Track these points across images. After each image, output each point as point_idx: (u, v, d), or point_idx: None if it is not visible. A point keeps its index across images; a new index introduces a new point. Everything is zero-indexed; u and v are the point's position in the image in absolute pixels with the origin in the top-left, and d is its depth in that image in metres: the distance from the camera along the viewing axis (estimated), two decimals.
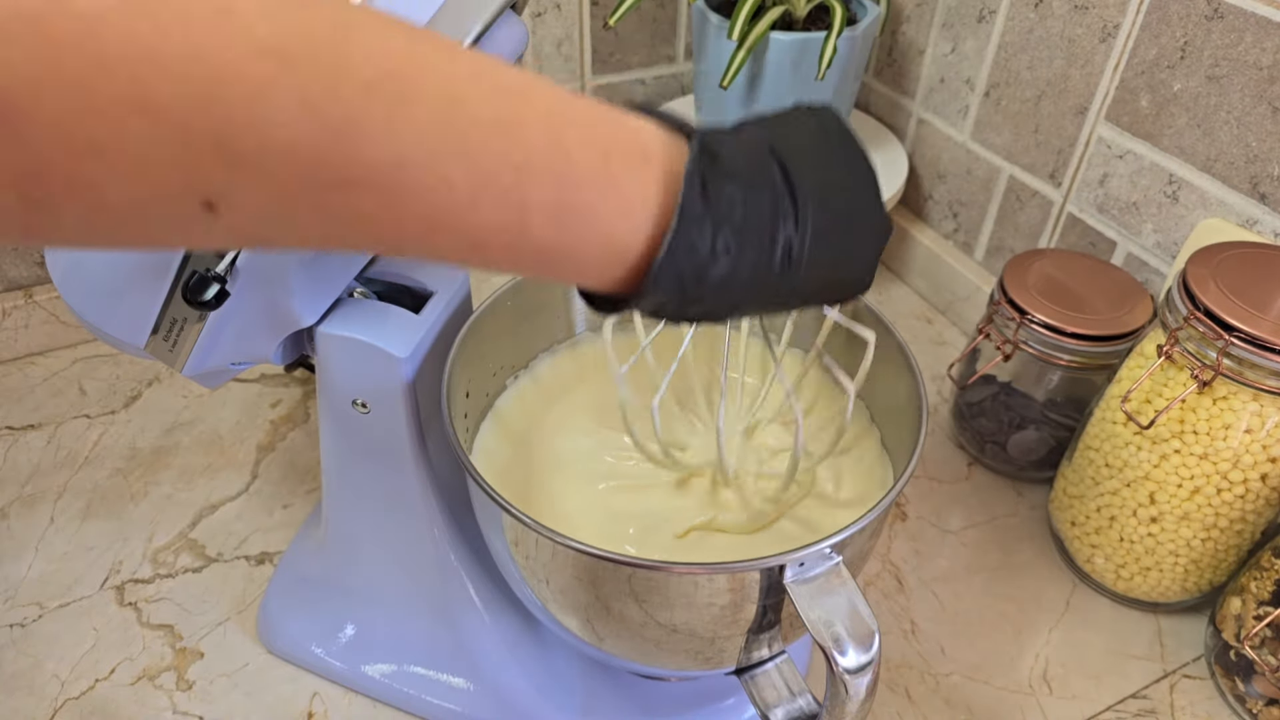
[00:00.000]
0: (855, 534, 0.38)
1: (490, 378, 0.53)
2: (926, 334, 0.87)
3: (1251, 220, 0.60)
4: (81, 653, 0.58)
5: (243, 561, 0.64)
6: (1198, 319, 0.52)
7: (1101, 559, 0.62)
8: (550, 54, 0.88)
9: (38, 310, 0.79)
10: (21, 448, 0.72)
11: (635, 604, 0.40)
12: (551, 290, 0.55)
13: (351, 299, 0.47)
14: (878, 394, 0.52)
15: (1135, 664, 0.60)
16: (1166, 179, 0.65)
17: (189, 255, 0.41)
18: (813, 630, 0.37)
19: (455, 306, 0.49)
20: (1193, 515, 0.56)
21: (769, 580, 0.38)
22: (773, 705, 0.45)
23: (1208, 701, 0.58)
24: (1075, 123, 0.71)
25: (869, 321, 0.51)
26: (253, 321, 0.45)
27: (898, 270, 0.94)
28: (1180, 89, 0.62)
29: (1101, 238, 0.72)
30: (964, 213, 0.85)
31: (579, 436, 0.53)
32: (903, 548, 0.67)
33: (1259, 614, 0.55)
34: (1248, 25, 0.57)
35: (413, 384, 0.46)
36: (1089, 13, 0.67)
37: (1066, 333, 0.62)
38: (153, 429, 0.74)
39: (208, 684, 0.57)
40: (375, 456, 0.50)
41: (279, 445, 0.73)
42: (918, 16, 0.83)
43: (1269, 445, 0.53)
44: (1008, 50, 0.75)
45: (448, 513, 0.53)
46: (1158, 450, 0.56)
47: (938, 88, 0.83)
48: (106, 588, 0.62)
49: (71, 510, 0.67)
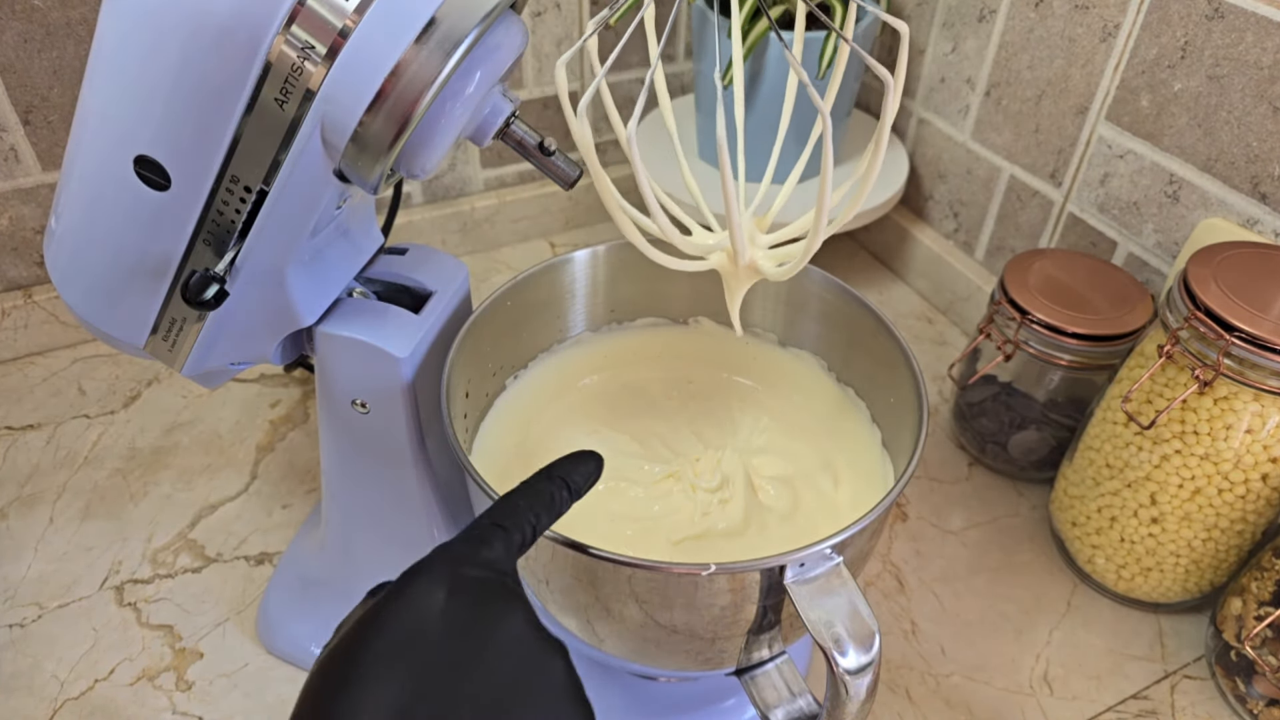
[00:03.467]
0: (855, 534, 0.38)
1: (490, 378, 0.53)
2: (927, 334, 0.87)
3: (1252, 220, 0.60)
4: (81, 653, 0.58)
5: (242, 561, 0.64)
6: (1198, 319, 0.51)
7: (1102, 559, 0.62)
8: (550, 54, 0.87)
9: (37, 310, 0.79)
10: (21, 448, 0.72)
11: (635, 605, 0.40)
12: (551, 290, 0.55)
13: (351, 299, 0.47)
14: (878, 394, 0.52)
15: (1136, 664, 0.60)
16: (1167, 179, 0.65)
17: (189, 255, 0.41)
18: (813, 631, 0.36)
19: (455, 306, 0.49)
20: (1194, 516, 0.56)
21: (769, 581, 0.38)
22: (773, 706, 0.45)
23: (1208, 702, 0.58)
24: (1076, 122, 0.71)
25: (869, 321, 0.50)
26: (252, 321, 0.45)
27: (898, 270, 0.94)
28: (1181, 89, 0.62)
29: (1102, 238, 0.72)
30: (964, 212, 0.85)
31: (579, 437, 0.53)
32: (903, 548, 0.67)
33: (1260, 614, 0.54)
34: (1248, 25, 0.57)
35: (413, 384, 0.46)
36: (1089, 12, 0.67)
37: (1067, 333, 0.62)
38: (152, 429, 0.74)
39: (207, 684, 0.57)
40: (375, 456, 0.50)
41: (279, 445, 0.73)
42: (918, 16, 0.83)
43: (1270, 445, 0.52)
44: (1008, 50, 0.75)
45: (448, 513, 0.53)
46: (1158, 450, 0.56)
47: (938, 87, 0.83)
48: (106, 588, 0.62)
49: (71, 510, 0.67)
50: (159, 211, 0.39)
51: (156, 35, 0.35)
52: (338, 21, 0.33)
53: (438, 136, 0.37)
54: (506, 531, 0.31)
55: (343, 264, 0.47)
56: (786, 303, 0.56)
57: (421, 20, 0.34)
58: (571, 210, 0.98)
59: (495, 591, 0.29)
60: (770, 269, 0.43)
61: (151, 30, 0.35)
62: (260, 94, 0.35)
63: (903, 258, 0.93)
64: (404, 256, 0.51)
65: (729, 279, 0.45)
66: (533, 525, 0.32)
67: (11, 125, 0.72)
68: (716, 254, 0.44)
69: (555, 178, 0.46)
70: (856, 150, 0.87)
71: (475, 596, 0.29)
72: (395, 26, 0.34)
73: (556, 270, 0.54)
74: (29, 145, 0.73)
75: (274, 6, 0.33)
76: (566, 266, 0.54)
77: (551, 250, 0.97)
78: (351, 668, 0.26)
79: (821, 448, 0.54)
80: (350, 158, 0.36)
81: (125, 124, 0.38)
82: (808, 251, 0.40)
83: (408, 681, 0.26)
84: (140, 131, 0.37)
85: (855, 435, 0.53)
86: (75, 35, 0.70)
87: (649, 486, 0.50)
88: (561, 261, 0.54)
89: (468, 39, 0.34)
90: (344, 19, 0.33)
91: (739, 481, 0.50)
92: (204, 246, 0.40)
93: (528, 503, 0.33)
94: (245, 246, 0.40)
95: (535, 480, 0.34)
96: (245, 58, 0.34)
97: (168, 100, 0.36)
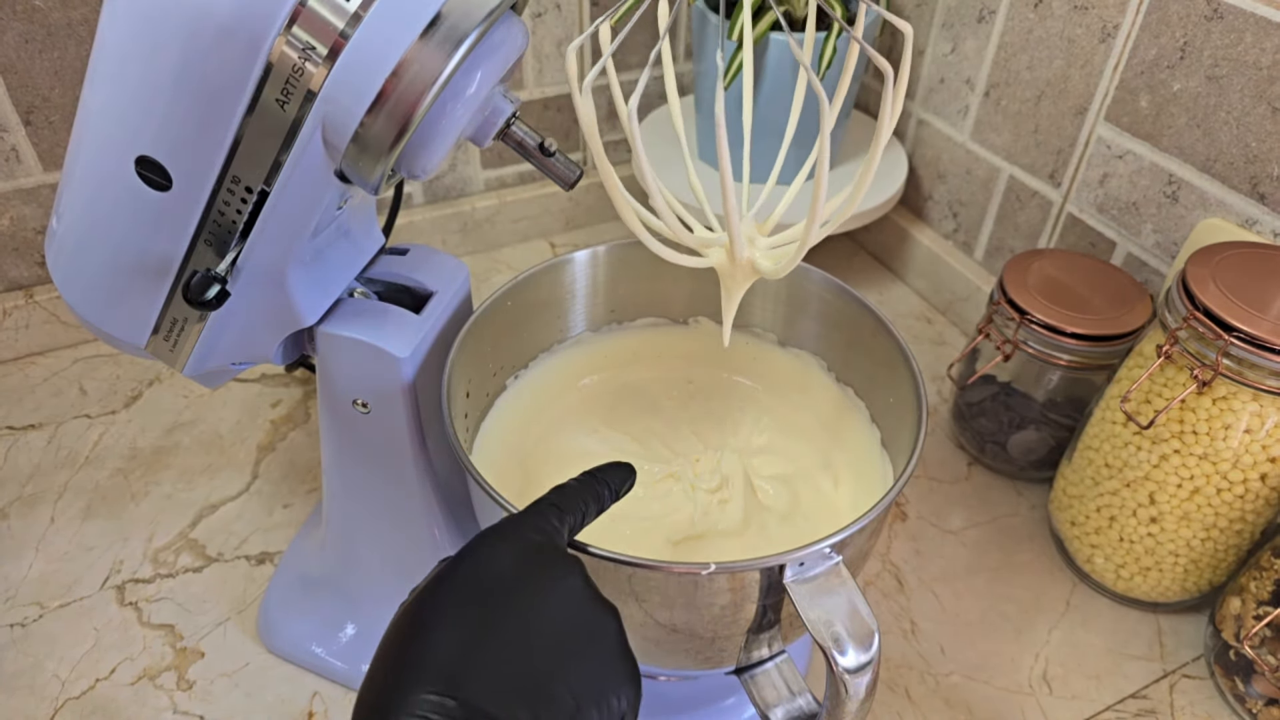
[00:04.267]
0: (855, 534, 0.38)
1: (491, 378, 0.53)
2: (926, 334, 0.87)
3: (1251, 220, 0.60)
4: (82, 653, 0.58)
5: (243, 561, 0.64)
6: (1197, 319, 0.52)
7: (1101, 559, 0.62)
8: (550, 54, 0.88)
9: (38, 310, 0.79)
10: (22, 448, 0.72)
11: (635, 604, 0.40)
12: (551, 290, 0.55)
13: (351, 299, 0.47)
14: (877, 394, 0.53)
15: (1135, 664, 0.60)
16: (1166, 179, 0.65)
17: (190, 255, 0.41)
18: (812, 630, 0.37)
19: (455, 306, 0.49)
20: (1192, 515, 0.56)
21: (769, 580, 0.38)
22: (773, 705, 0.45)
23: (1208, 701, 0.58)
24: (1075, 123, 0.71)
25: (869, 321, 0.51)
26: (253, 321, 0.45)
27: (898, 270, 0.94)
28: (1180, 89, 0.62)
29: (1101, 238, 0.72)
30: (964, 213, 0.85)
31: (579, 437, 0.53)
32: (903, 548, 0.67)
33: (1259, 614, 0.55)
34: (1247, 25, 0.57)
35: (413, 384, 0.46)
36: (1089, 13, 0.67)
37: (1066, 333, 0.62)
38: (153, 429, 0.74)
39: (208, 684, 0.57)
40: (375, 456, 0.50)
41: (279, 445, 0.73)
42: (918, 16, 0.83)
43: (1269, 445, 0.53)
44: (1008, 50, 0.75)
45: (448, 513, 0.53)
46: (1157, 450, 0.56)
47: (938, 88, 0.83)
48: (107, 588, 0.62)
49: (72, 510, 0.67)
50: (160, 212, 0.39)
51: (157, 36, 0.35)
52: (339, 22, 0.34)
53: (439, 137, 0.37)
54: (563, 512, 0.35)
55: (344, 264, 0.47)
56: (786, 303, 0.56)
57: (423, 21, 0.34)
58: (572, 211, 0.98)
59: (557, 554, 0.33)
60: (767, 266, 0.43)
61: (152, 31, 0.35)
62: (261, 95, 0.35)
63: (902, 258, 0.93)
64: (405, 257, 0.51)
65: (726, 279, 0.45)
66: (583, 513, 0.36)
67: (13, 125, 0.72)
68: (716, 251, 0.44)
69: (555, 178, 0.46)
70: (856, 150, 0.87)
71: (540, 557, 0.32)
72: (396, 27, 0.34)
73: (557, 270, 0.54)
74: (30, 145, 0.73)
75: (275, 7, 0.33)
76: (567, 267, 0.54)
77: (552, 250, 0.97)
78: (429, 613, 0.30)
79: (821, 448, 0.54)
80: (351, 158, 0.36)
81: (126, 124, 0.38)
82: (804, 244, 0.40)
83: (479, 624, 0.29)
84: (141, 132, 0.37)
85: (855, 435, 0.53)
86: (76, 36, 0.70)
87: (649, 486, 0.51)
88: (562, 262, 0.54)
89: (469, 40, 0.34)
90: (345, 20, 0.34)
91: (739, 481, 0.50)
92: (205, 247, 0.41)
93: (580, 494, 0.36)
94: (246, 247, 0.40)
95: (584, 477, 0.38)
96: (246, 58, 0.34)
97: (169, 101, 0.36)
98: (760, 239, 0.44)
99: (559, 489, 0.36)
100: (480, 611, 0.30)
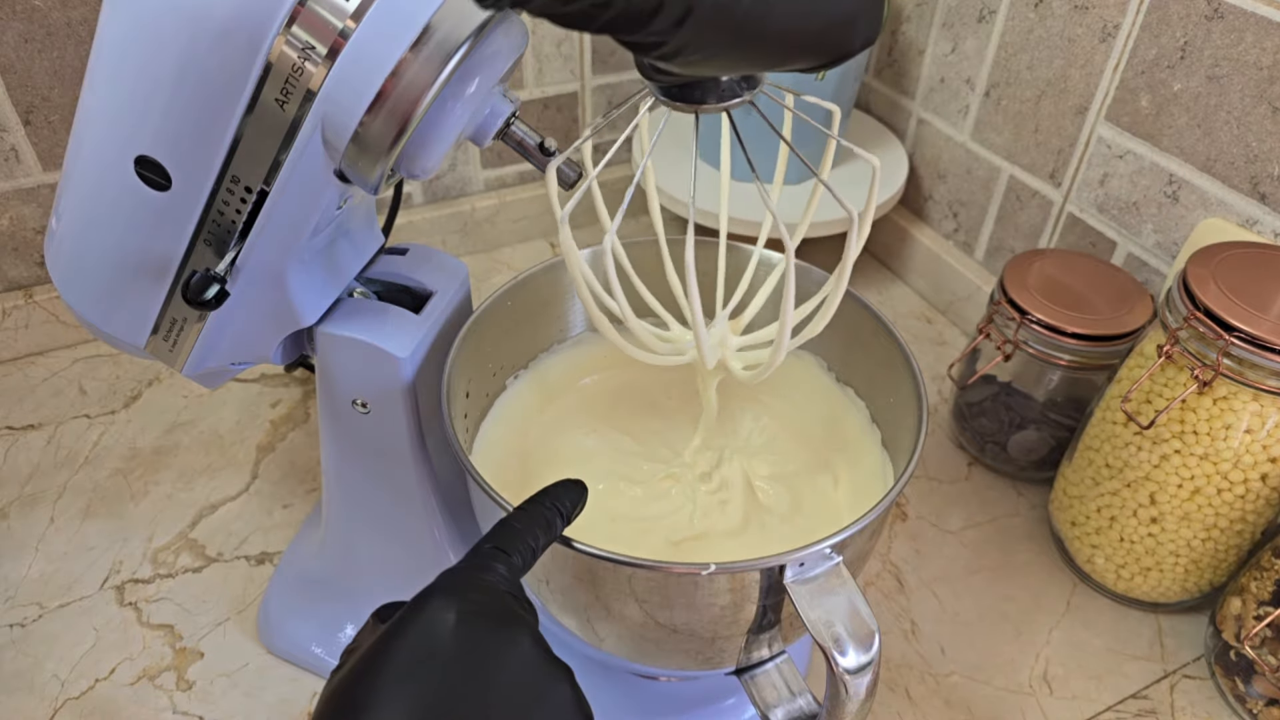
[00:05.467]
0: (855, 534, 0.38)
1: (490, 378, 0.53)
2: (926, 334, 0.87)
3: (1251, 220, 0.60)
4: (81, 653, 0.58)
5: (243, 561, 0.64)
6: (1198, 319, 0.52)
7: (1102, 559, 0.62)
8: (550, 54, 0.88)
9: (38, 310, 0.79)
10: (22, 448, 0.72)
11: (635, 604, 0.40)
12: (552, 290, 0.55)
13: (351, 299, 0.47)
14: (877, 394, 0.52)
15: (1135, 664, 0.60)
16: (1166, 179, 0.65)
17: (189, 255, 0.41)
18: (813, 630, 0.37)
19: (455, 306, 0.49)
20: (1193, 515, 0.56)
21: (769, 580, 0.38)
22: (773, 705, 0.45)
23: (1208, 702, 0.58)
24: (1075, 123, 0.71)
25: (869, 321, 0.51)
26: (253, 321, 0.45)
27: (898, 270, 0.94)
28: (1180, 89, 0.62)
29: (1101, 238, 0.72)
30: (964, 212, 0.85)
31: (579, 437, 0.53)
32: (903, 548, 0.67)
33: (1259, 614, 0.54)
34: (1248, 25, 0.57)
35: (413, 384, 0.46)
36: (1089, 13, 0.67)
37: (1066, 333, 0.62)
38: (153, 429, 0.74)
39: (208, 684, 0.57)
40: (375, 456, 0.50)
41: (279, 445, 0.73)
42: (918, 16, 0.83)
43: (1269, 445, 0.52)
44: (1008, 50, 0.75)
45: (448, 513, 0.53)
46: (1158, 450, 0.56)
47: (938, 88, 0.83)
48: (106, 588, 0.62)
49: (71, 510, 0.67)
50: (160, 212, 0.39)
51: (157, 35, 0.35)
52: (338, 22, 0.34)
53: (438, 137, 0.37)
54: (508, 555, 0.32)
55: (343, 264, 0.47)
56: None
57: (422, 20, 0.34)
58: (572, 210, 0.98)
59: (502, 615, 0.30)
60: (738, 371, 0.45)
61: (152, 30, 0.35)
62: (261, 94, 0.35)
63: (902, 258, 0.93)
64: (404, 256, 0.51)
65: (700, 374, 0.48)
66: (532, 548, 0.33)
67: (12, 125, 0.72)
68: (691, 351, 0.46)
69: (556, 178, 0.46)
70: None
71: (482, 621, 0.29)
72: (396, 27, 0.34)
73: (557, 270, 0.54)
74: (30, 145, 0.73)
75: (274, 7, 0.33)
76: (567, 266, 0.54)
77: (551, 250, 0.97)
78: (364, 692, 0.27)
79: (821, 448, 0.54)
80: (351, 158, 0.36)
81: (126, 124, 0.38)
82: (772, 363, 0.42)
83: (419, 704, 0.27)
84: (141, 132, 0.37)
85: (855, 435, 0.53)
86: (76, 36, 0.70)
87: (649, 486, 0.50)
88: (562, 261, 0.54)
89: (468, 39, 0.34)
90: (344, 19, 0.34)
91: (738, 481, 0.50)
92: (205, 246, 0.41)
93: (526, 526, 0.34)
94: (246, 246, 0.40)
95: (530, 505, 0.35)
96: (246, 58, 0.34)
97: (168, 100, 0.36)
98: (732, 339, 0.47)
99: (502, 524, 0.34)
100: (419, 689, 0.27)
